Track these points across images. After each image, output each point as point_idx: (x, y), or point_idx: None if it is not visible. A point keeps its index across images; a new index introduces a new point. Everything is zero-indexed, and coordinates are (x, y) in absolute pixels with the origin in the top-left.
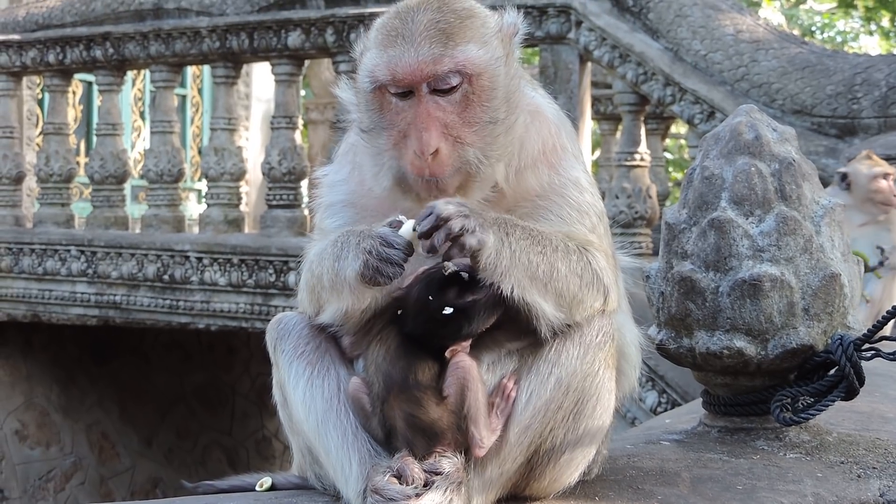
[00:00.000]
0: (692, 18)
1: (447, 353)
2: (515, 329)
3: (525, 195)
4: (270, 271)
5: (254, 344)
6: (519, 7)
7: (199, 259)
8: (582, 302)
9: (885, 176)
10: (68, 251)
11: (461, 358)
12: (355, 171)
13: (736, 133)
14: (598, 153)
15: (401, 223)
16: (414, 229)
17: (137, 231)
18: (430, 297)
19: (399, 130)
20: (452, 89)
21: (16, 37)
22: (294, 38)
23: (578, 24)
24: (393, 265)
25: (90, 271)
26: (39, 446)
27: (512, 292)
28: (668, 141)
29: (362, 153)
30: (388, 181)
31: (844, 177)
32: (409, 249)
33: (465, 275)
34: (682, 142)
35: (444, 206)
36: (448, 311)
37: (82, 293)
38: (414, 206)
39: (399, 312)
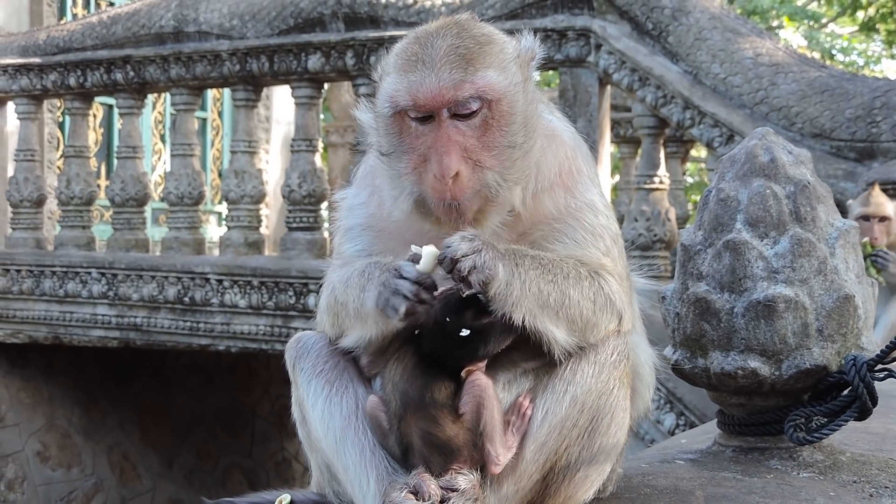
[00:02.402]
0: (712, 42)
1: (463, 373)
2: (531, 349)
3: (541, 218)
4: (290, 293)
5: (274, 366)
6: (539, 30)
7: (220, 281)
8: (596, 325)
9: (869, 218)
10: (89, 273)
11: (477, 376)
12: (374, 194)
13: (751, 155)
14: (618, 177)
15: (418, 256)
16: (440, 260)
17: (158, 253)
18: (448, 319)
19: (419, 154)
20: (472, 114)
21: (36, 60)
22: (314, 62)
23: (598, 47)
24: (400, 297)
25: (111, 293)
26: (61, 467)
27: (523, 322)
28: (689, 165)
29: (381, 176)
30: (408, 205)
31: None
32: (422, 280)
33: (482, 297)
34: (704, 165)
35: (458, 245)
36: (465, 332)
37: (103, 315)
38: (433, 229)
39: (416, 332)
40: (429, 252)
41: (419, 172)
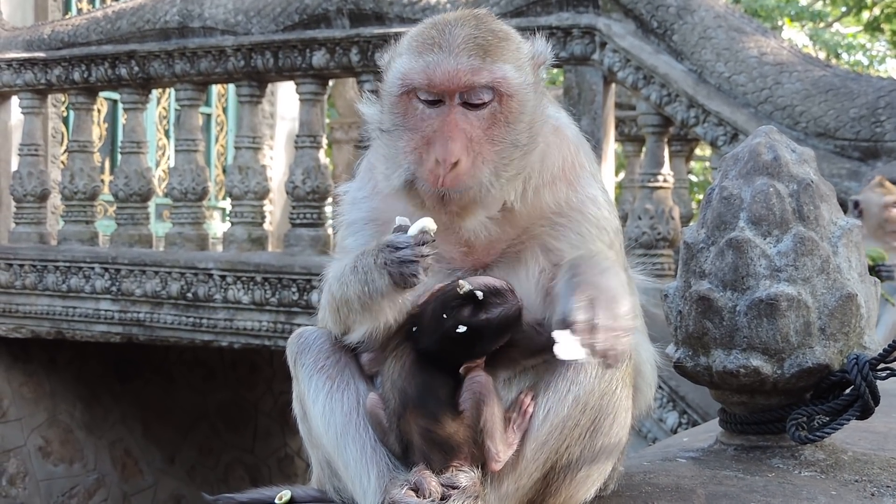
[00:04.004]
0: (716, 40)
1: (462, 370)
2: (531, 346)
3: (541, 213)
4: (294, 290)
5: (276, 362)
6: (544, 28)
7: (223, 277)
8: None
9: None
10: (92, 269)
11: (477, 373)
12: (377, 187)
13: (755, 154)
14: (622, 175)
15: (405, 227)
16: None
17: (161, 249)
18: (445, 316)
19: (422, 136)
20: (482, 105)
21: (41, 55)
22: (319, 58)
23: (603, 45)
24: (410, 264)
25: (114, 289)
26: (63, 463)
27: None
28: (693, 164)
29: (376, 153)
30: (399, 184)
31: (857, 205)
32: (417, 239)
33: (479, 294)
34: (708, 164)
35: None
36: (462, 329)
37: (106, 310)
38: (417, 211)
39: (414, 329)
40: (420, 224)
41: (418, 153)
